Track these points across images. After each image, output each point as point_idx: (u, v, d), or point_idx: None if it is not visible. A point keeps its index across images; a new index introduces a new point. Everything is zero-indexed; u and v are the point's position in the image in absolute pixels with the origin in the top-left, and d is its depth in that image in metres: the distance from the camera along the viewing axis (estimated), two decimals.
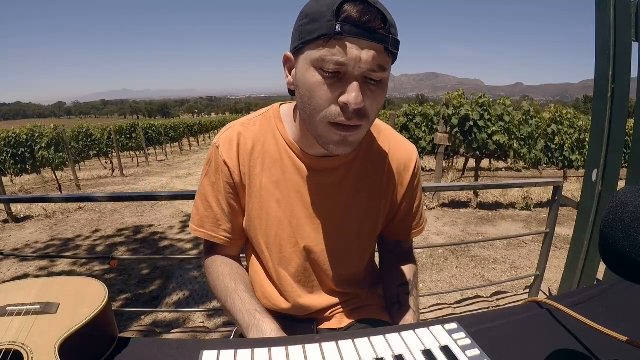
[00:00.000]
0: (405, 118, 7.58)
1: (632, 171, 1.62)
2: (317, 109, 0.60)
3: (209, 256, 0.82)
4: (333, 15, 0.54)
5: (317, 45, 0.57)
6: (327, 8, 0.55)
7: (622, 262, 0.36)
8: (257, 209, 0.75)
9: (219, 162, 0.74)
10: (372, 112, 0.61)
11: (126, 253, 4.10)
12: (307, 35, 0.57)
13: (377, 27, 0.55)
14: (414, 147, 0.82)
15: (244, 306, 0.70)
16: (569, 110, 7.35)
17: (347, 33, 0.54)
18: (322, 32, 0.55)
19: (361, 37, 0.55)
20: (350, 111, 0.58)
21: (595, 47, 1.70)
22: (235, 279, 0.76)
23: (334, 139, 0.62)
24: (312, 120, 0.62)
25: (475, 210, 5.75)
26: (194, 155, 15.11)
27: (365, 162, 0.76)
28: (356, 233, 0.78)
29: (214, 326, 2.50)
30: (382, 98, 0.61)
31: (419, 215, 0.85)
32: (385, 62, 0.58)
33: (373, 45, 0.56)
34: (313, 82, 0.59)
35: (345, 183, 0.75)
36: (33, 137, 7.76)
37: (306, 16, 0.58)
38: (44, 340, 0.47)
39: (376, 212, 0.79)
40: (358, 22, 0.54)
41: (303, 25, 0.59)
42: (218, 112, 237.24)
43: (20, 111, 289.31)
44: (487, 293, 2.81)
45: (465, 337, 0.55)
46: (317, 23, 0.56)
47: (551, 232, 2.20)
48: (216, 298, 0.77)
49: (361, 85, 0.58)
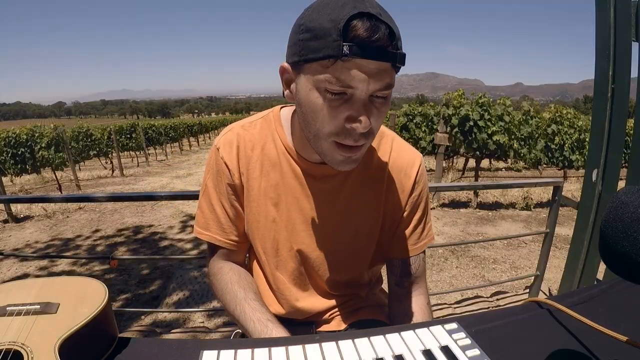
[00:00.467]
0: (405, 118, 7.58)
1: (632, 171, 1.62)
2: (321, 130, 0.58)
3: (215, 261, 0.80)
4: (339, 34, 0.50)
5: (321, 65, 0.53)
6: (332, 25, 0.51)
7: (622, 262, 0.36)
8: (255, 212, 0.75)
9: (220, 164, 0.74)
10: (376, 128, 0.60)
11: (126, 253, 4.10)
12: (310, 52, 0.54)
13: (386, 45, 0.52)
14: (417, 154, 0.78)
15: (255, 315, 0.69)
16: (569, 110, 7.35)
17: (355, 55, 0.51)
18: (327, 53, 0.51)
19: (370, 57, 0.51)
20: (356, 135, 0.57)
21: (595, 47, 1.70)
22: (244, 286, 0.75)
23: (339, 158, 0.61)
24: (316, 140, 0.61)
25: (475, 210, 5.75)
26: (194, 155, 15.11)
27: (364, 169, 0.74)
28: (352, 240, 0.77)
29: (214, 326, 2.50)
30: (386, 112, 0.60)
31: (421, 227, 0.79)
32: (392, 78, 0.56)
33: (381, 64, 0.53)
34: (318, 103, 0.56)
35: (343, 190, 0.74)
36: (33, 137, 7.76)
37: (307, 30, 0.54)
38: (44, 340, 0.47)
39: (374, 220, 0.77)
40: (367, 42, 0.50)
41: (304, 41, 0.54)
42: (218, 112, 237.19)
43: (20, 111, 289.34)
44: (487, 293, 2.81)
45: (465, 337, 0.55)
46: (321, 41, 0.52)
47: (551, 232, 2.20)
48: (224, 305, 0.76)
49: (369, 106, 0.56)
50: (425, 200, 0.79)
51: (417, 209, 0.78)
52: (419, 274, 0.80)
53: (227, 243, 0.78)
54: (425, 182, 0.78)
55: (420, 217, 0.78)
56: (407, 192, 0.76)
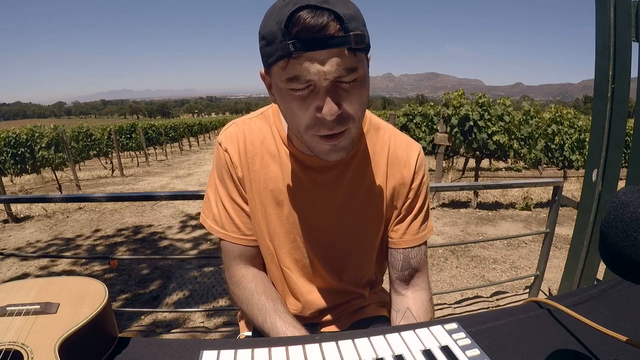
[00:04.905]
0: (405, 118, 7.59)
1: (632, 171, 1.61)
2: (300, 126, 0.60)
3: (235, 268, 0.79)
4: (283, 34, 0.51)
5: (279, 67, 0.55)
6: (277, 27, 0.52)
7: (622, 262, 0.36)
8: (258, 205, 0.75)
9: (226, 158, 0.74)
10: (354, 111, 0.59)
11: (126, 253, 4.10)
12: (268, 58, 0.55)
13: (332, 31, 0.51)
14: (416, 144, 0.79)
15: (289, 329, 0.69)
16: (569, 110, 7.36)
17: (301, 50, 0.51)
18: (278, 55, 0.53)
19: (317, 48, 0.51)
20: (328, 122, 0.57)
21: (595, 47, 1.70)
22: (273, 298, 0.75)
23: (325, 148, 0.61)
24: (300, 135, 0.62)
25: (475, 210, 5.75)
26: (194, 155, 15.11)
27: (364, 160, 0.75)
28: (355, 231, 0.77)
29: (214, 326, 2.50)
30: (362, 95, 0.59)
31: (422, 216, 0.79)
32: (352, 62, 0.54)
33: (333, 52, 0.52)
34: (289, 102, 0.58)
35: (343, 181, 0.74)
36: (33, 137, 7.76)
37: (262, 38, 0.56)
38: (44, 340, 0.47)
39: (377, 210, 0.77)
40: (309, 35, 0.50)
41: (262, 48, 0.57)
42: (218, 112, 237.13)
43: (20, 111, 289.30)
44: (487, 293, 2.82)
45: (465, 337, 0.55)
46: (273, 45, 0.53)
47: (551, 232, 2.20)
48: (250, 317, 0.75)
49: (333, 92, 0.55)
50: (425, 190, 0.79)
51: (418, 198, 0.78)
52: (421, 267, 0.80)
53: (243, 240, 0.77)
54: (425, 172, 0.79)
55: (420, 206, 0.79)
56: (407, 182, 0.76)
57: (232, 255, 0.79)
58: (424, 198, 0.79)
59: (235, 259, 0.79)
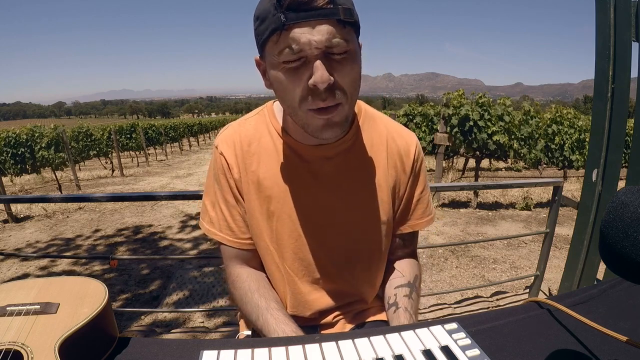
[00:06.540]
0: (405, 118, 7.58)
1: (632, 171, 1.61)
2: (294, 101, 0.60)
3: (232, 268, 0.80)
4: (276, 7, 0.54)
5: (272, 42, 0.57)
6: (270, 3, 0.55)
7: (622, 262, 0.36)
8: (258, 205, 0.75)
9: (222, 161, 0.75)
10: (346, 85, 0.59)
11: (126, 253, 4.10)
12: (262, 35, 0.58)
13: (322, 3, 0.54)
14: (413, 134, 0.81)
15: (279, 326, 0.69)
16: (569, 110, 7.36)
17: (292, 20, 0.54)
18: (271, 28, 0.55)
19: (307, 18, 0.54)
20: (321, 91, 0.57)
21: (595, 47, 1.70)
22: (266, 296, 0.75)
23: (319, 124, 0.61)
24: (294, 113, 0.62)
25: (475, 210, 5.75)
26: (194, 155, 15.11)
27: (362, 150, 0.75)
28: (359, 225, 0.77)
29: (213, 326, 2.50)
30: (354, 70, 0.60)
31: (423, 202, 0.82)
32: (342, 34, 0.56)
33: (322, 22, 0.55)
34: (281, 77, 0.59)
35: (342, 172, 0.74)
36: (33, 137, 7.76)
37: (257, 19, 0.59)
38: (44, 340, 0.47)
39: (382, 203, 0.77)
40: (300, 5, 0.53)
41: (256, 29, 0.59)
42: (218, 112, 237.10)
43: (20, 111, 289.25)
44: (487, 293, 2.82)
45: (465, 337, 0.55)
46: (266, 22, 0.56)
47: (551, 232, 2.20)
48: (245, 314, 0.77)
49: (325, 62, 0.56)
50: (425, 175, 0.83)
51: (419, 184, 0.81)
52: (414, 248, 0.88)
53: (237, 242, 0.78)
54: (423, 158, 0.82)
55: (422, 190, 0.82)
56: (408, 171, 0.79)
57: (229, 256, 0.80)
58: (425, 183, 0.83)
59: (232, 260, 0.80)
